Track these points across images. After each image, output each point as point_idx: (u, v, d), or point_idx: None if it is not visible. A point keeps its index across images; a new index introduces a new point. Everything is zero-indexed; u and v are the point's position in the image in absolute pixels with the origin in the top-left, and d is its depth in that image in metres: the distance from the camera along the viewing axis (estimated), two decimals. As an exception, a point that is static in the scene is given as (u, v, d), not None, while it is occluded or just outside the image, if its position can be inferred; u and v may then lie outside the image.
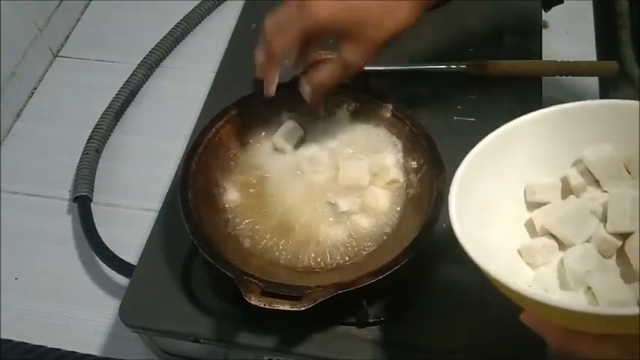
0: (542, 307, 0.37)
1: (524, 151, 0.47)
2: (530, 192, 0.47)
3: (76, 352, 0.52)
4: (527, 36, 0.73)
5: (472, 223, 0.42)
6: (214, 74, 0.73)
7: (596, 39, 0.81)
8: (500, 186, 0.46)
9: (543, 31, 0.74)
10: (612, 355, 0.37)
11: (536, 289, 0.44)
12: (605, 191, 0.46)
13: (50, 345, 0.54)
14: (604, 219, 0.44)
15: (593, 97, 0.77)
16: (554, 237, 0.46)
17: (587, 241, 0.45)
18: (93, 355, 0.54)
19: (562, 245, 0.46)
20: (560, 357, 0.39)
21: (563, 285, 0.44)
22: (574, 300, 0.43)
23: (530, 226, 0.47)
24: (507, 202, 0.47)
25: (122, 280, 0.66)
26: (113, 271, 0.67)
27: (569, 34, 0.82)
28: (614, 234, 0.44)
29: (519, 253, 0.46)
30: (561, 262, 0.45)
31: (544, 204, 0.47)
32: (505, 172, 0.46)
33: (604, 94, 0.76)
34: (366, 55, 0.50)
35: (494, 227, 0.45)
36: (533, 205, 0.48)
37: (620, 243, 0.44)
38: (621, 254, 0.44)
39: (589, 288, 0.43)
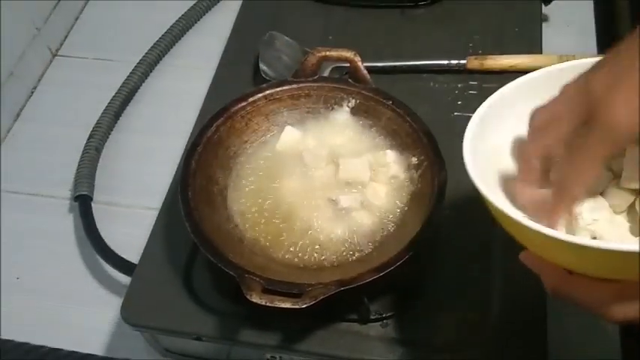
0: (540, 241, 0.36)
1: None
2: None
3: (77, 352, 0.52)
4: (527, 30, 0.73)
5: (484, 165, 0.42)
6: (214, 72, 0.72)
7: (597, 33, 0.81)
8: (516, 133, 0.45)
9: (543, 24, 0.74)
10: (607, 300, 0.36)
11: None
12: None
13: (51, 344, 0.54)
14: (619, 175, 0.43)
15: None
16: None
17: (600, 194, 0.44)
18: (95, 355, 0.54)
19: None
20: (556, 299, 0.39)
21: (569, 231, 0.43)
22: None
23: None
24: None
25: (123, 279, 0.66)
26: (114, 270, 0.67)
27: (569, 28, 0.82)
28: (627, 190, 0.43)
29: None
30: None
31: None
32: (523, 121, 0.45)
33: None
34: None
35: (505, 174, 0.45)
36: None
37: (632, 199, 0.43)
38: (632, 211, 0.43)
39: (594, 238, 0.42)
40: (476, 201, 0.57)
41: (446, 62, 0.69)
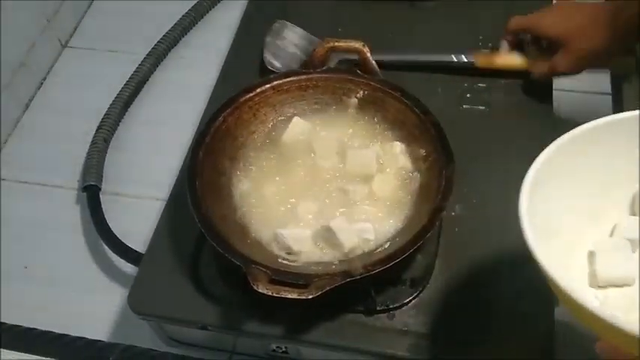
0: (615, 332, 0.34)
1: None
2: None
3: (84, 338, 0.53)
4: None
5: (542, 230, 0.39)
6: (222, 63, 0.72)
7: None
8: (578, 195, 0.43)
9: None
10: None
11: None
12: None
13: (58, 331, 0.54)
14: None
15: (604, 89, 0.76)
16: None
17: None
18: (101, 341, 0.54)
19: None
20: None
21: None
22: None
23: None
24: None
25: (130, 269, 0.67)
26: (121, 260, 0.67)
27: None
28: None
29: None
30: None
31: None
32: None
33: (616, 87, 0.75)
34: (569, 62, 0.63)
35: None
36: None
37: None
38: None
39: None
40: (484, 195, 0.56)
41: (455, 56, 0.69)
